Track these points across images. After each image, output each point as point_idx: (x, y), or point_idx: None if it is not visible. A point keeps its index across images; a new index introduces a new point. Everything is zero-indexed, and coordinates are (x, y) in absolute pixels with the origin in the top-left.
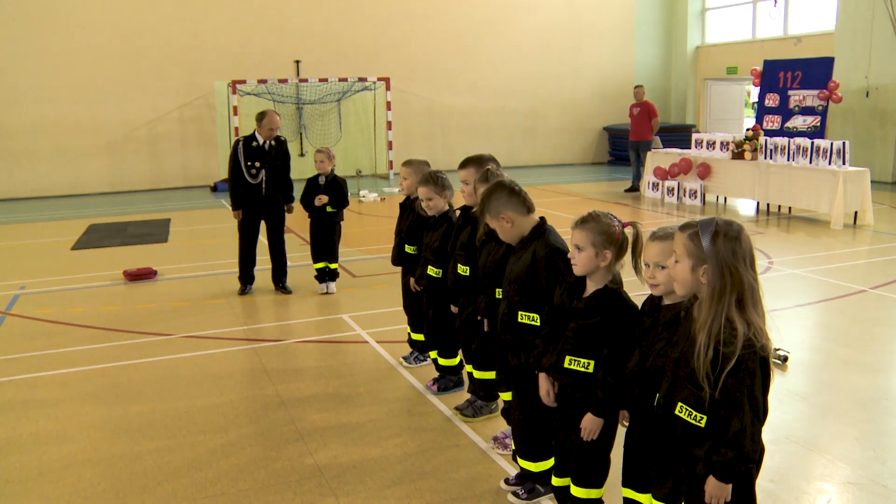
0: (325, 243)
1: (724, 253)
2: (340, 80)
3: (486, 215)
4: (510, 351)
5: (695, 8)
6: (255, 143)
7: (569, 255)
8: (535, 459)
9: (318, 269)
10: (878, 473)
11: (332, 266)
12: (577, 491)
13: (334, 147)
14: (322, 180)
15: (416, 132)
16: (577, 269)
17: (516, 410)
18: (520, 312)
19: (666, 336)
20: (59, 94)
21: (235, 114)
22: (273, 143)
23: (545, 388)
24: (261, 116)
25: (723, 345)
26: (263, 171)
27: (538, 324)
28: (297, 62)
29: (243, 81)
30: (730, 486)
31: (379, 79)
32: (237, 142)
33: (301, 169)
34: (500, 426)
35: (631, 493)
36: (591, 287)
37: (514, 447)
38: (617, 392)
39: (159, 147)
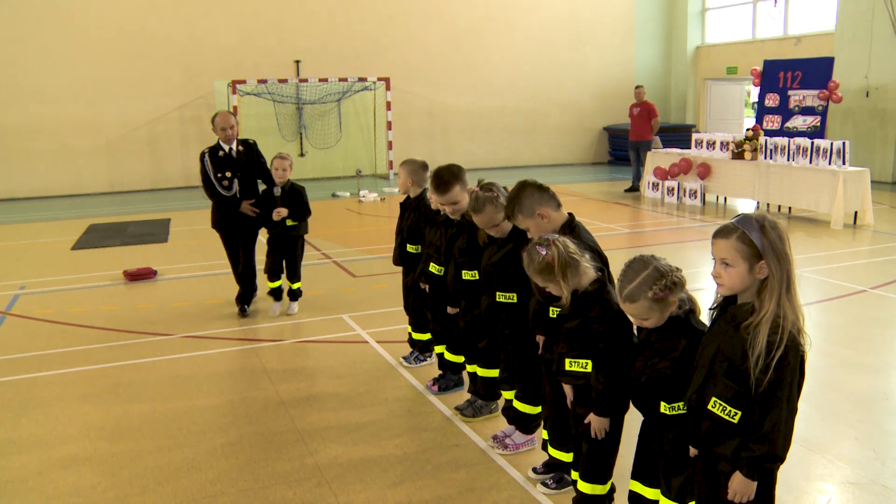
0: (286, 261)
1: (776, 242)
2: (340, 80)
3: (517, 217)
4: (543, 344)
5: (695, 8)
6: (221, 153)
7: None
8: (567, 450)
9: (272, 289)
10: (878, 473)
11: (295, 286)
12: (582, 486)
13: (334, 147)
14: (278, 191)
15: (416, 132)
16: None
17: (548, 401)
18: (551, 308)
19: (661, 350)
20: (59, 93)
21: (235, 114)
22: (241, 147)
23: (569, 392)
24: (213, 118)
25: (773, 335)
26: (236, 181)
27: None
28: (297, 62)
29: (243, 81)
30: (755, 483)
31: (379, 79)
32: (202, 154)
33: (301, 169)
34: (501, 426)
35: (638, 487)
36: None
37: (545, 437)
38: (609, 391)
39: (159, 147)
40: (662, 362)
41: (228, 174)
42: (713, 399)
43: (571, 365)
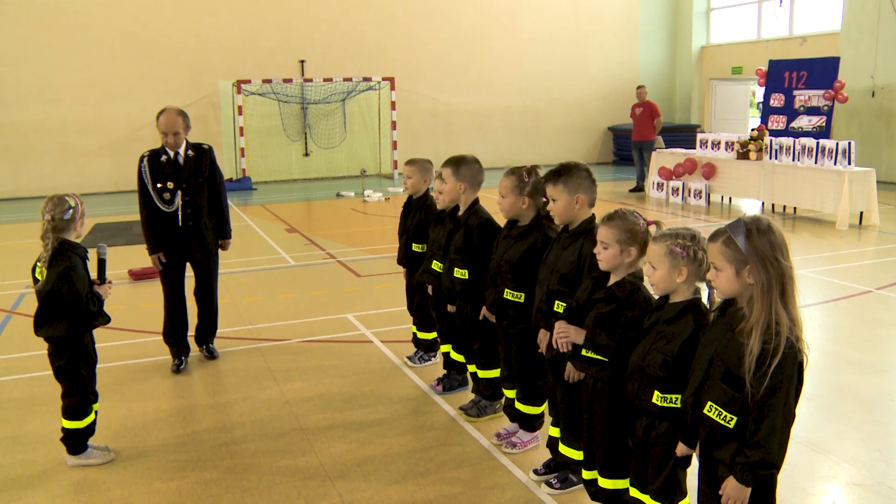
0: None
1: (763, 248)
2: (345, 79)
3: (557, 185)
4: (548, 342)
5: (700, 8)
6: (164, 158)
7: (594, 251)
8: (579, 448)
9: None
10: (883, 474)
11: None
12: (604, 482)
13: (338, 147)
14: (105, 252)
15: (421, 132)
16: (602, 265)
17: (560, 400)
18: (556, 301)
19: (668, 334)
20: (63, 93)
21: (240, 113)
22: (191, 152)
23: (568, 371)
24: (158, 115)
25: (768, 342)
26: (179, 192)
27: None
28: (302, 62)
29: (248, 81)
30: (748, 489)
31: (384, 78)
32: (141, 158)
33: (306, 169)
34: (505, 425)
35: (636, 493)
36: (612, 281)
37: (554, 434)
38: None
39: None
40: (669, 345)
41: (171, 185)
42: (709, 403)
43: (588, 352)
